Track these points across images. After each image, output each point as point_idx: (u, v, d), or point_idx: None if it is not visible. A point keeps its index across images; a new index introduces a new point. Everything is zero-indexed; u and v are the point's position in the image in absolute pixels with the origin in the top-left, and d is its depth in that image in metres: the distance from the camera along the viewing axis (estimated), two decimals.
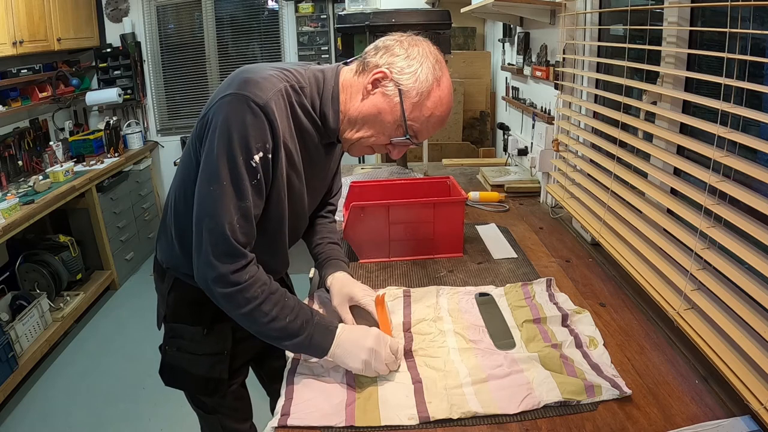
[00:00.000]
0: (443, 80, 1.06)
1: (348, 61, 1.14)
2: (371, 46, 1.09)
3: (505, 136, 2.81)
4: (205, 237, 0.98)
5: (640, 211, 1.42)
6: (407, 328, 1.23)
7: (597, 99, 1.76)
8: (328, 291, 1.28)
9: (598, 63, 1.73)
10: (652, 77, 1.43)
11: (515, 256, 1.63)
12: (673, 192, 1.33)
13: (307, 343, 1.03)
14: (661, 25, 1.37)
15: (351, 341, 1.05)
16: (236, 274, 0.98)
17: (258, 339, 1.08)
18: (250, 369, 1.45)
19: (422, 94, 1.04)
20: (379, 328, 1.14)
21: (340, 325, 1.07)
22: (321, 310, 1.30)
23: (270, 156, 0.99)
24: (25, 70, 3.33)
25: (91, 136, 3.87)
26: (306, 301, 1.34)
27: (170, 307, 1.22)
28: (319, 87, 1.08)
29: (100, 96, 3.97)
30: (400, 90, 1.03)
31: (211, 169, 0.97)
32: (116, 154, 3.84)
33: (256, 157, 0.97)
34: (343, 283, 1.24)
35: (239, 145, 0.95)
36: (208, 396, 1.27)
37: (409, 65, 1.03)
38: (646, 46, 1.42)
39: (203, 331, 1.19)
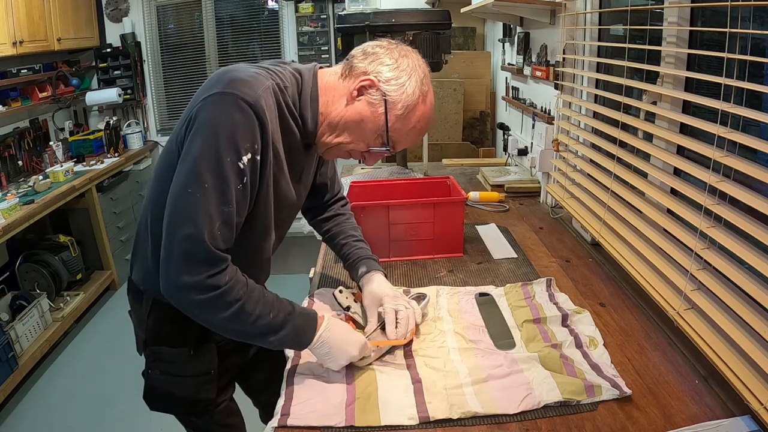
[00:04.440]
0: (429, 95, 1.05)
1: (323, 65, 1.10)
2: (359, 49, 1.06)
3: (505, 136, 2.81)
4: (180, 244, 0.89)
5: (640, 211, 1.42)
6: None
7: (597, 99, 1.76)
8: (360, 290, 1.27)
9: (598, 63, 1.73)
10: (652, 77, 1.43)
11: (515, 256, 1.63)
12: (673, 192, 1.33)
13: (292, 335, 1.00)
14: (661, 25, 1.37)
15: (337, 343, 1.04)
16: (214, 278, 0.91)
17: (241, 354, 1.04)
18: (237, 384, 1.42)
19: (408, 107, 1.01)
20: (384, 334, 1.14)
21: (325, 317, 1.05)
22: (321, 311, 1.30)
23: (258, 158, 0.93)
24: (25, 70, 3.33)
25: (91, 136, 3.87)
26: (306, 302, 1.34)
27: (151, 330, 1.14)
28: (298, 88, 1.03)
29: (100, 96, 3.97)
30: (386, 100, 1.00)
31: (191, 170, 0.89)
32: (116, 154, 3.84)
33: (245, 159, 0.90)
34: (375, 285, 1.23)
35: (227, 145, 0.89)
36: (197, 417, 1.24)
37: (398, 77, 1.01)
38: (646, 46, 1.42)
39: (189, 352, 1.13)
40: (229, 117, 0.89)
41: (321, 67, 1.09)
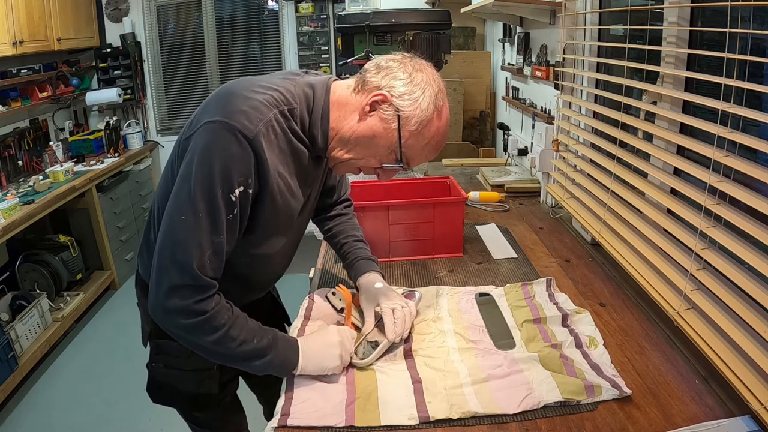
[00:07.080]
0: (444, 111, 1.03)
1: (343, 75, 1.11)
2: (372, 63, 1.04)
3: (505, 136, 2.81)
4: (170, 268, 0.92)
5: (640, 211, 1.42)
6: None
7: (597, 99, 1.76)
8: (357, 290, 1.28)
9: (598, 63, 1.73)
10: (652, 77, 1.43)
11: (515, 256, 1.63)
12: (673, 192, 1.33)
13: (278, 360, 1.01)
14: (661, 25, 1.37)
15: (317, 347, 1.05)
16: (201, 304, 0.93)
17: None
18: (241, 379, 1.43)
19: (422, 123, 0.99)
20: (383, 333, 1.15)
21: (298, 339, 1.07)
22: (319, 315, 1.30)
23: (251, 191, 0.95)
24: (25, 70, 3.33)
25: (91, 136, 3.87)
26: (306, 301, 1.34)
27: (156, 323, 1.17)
28: (309, 105, 1.02)
29: (100, 96, 3.97)
30: (399, 116, 0.98)
31: (185, 197, 0.92)
32: (116, 154, 3.84)
33: (237, 191, 0.92)
34: (372, 284, 1.24)
35: (220, 176, 0.90)
36: (199, 411, 1.25)
37: (411, 91, 0.99)
38: (646, 46, 1.42)
39: None
40: (226, 149, 0.90)
41: (335, 80, 1.08)
